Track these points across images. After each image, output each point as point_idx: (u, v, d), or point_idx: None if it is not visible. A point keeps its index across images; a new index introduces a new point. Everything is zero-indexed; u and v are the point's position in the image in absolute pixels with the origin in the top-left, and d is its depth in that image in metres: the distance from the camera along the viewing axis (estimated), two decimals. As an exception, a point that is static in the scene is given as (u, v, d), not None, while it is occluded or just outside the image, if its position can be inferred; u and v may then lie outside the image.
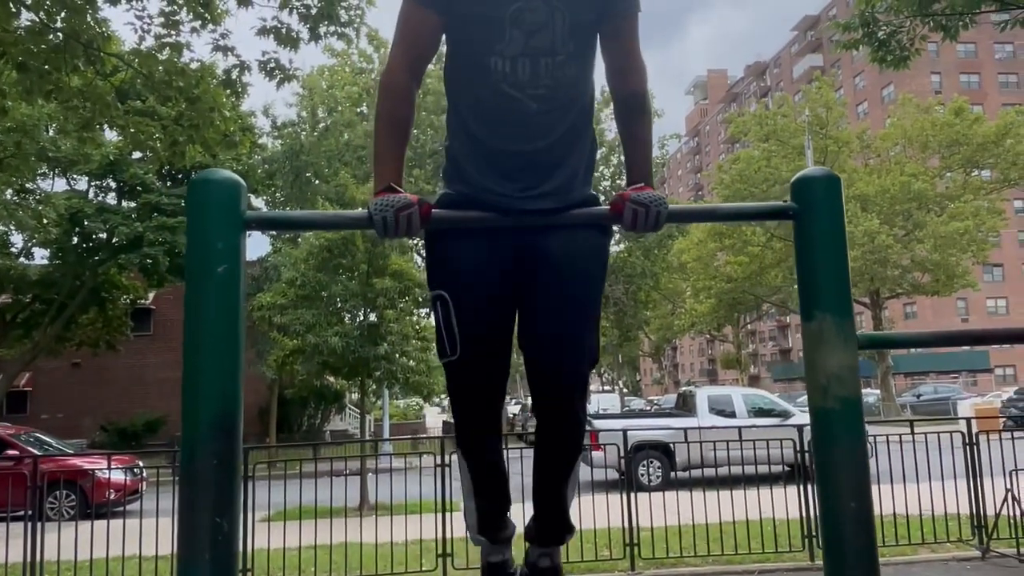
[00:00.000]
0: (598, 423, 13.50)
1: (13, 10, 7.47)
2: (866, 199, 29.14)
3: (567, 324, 1.92)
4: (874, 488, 5.79)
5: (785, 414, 14.18)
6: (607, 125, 31.02)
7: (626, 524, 6.84)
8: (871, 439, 11.80)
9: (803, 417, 13.87)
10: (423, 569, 6.82)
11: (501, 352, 1.95)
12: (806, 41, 69.35)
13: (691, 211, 1.99)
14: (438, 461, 6.89)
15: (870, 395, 34.85)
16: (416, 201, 1.67)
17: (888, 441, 7.69)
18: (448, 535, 6.62)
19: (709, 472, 9.61)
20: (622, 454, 7.15)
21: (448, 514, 6.64)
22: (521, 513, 2.24)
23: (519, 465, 8.19)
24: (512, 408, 38.30)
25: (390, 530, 7.10)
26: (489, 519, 2.14)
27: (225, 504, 1.48)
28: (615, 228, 2.00)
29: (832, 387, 1.67)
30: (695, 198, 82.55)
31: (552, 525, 2.16)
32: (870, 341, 1.75)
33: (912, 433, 7.32)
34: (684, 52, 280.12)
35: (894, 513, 7.04)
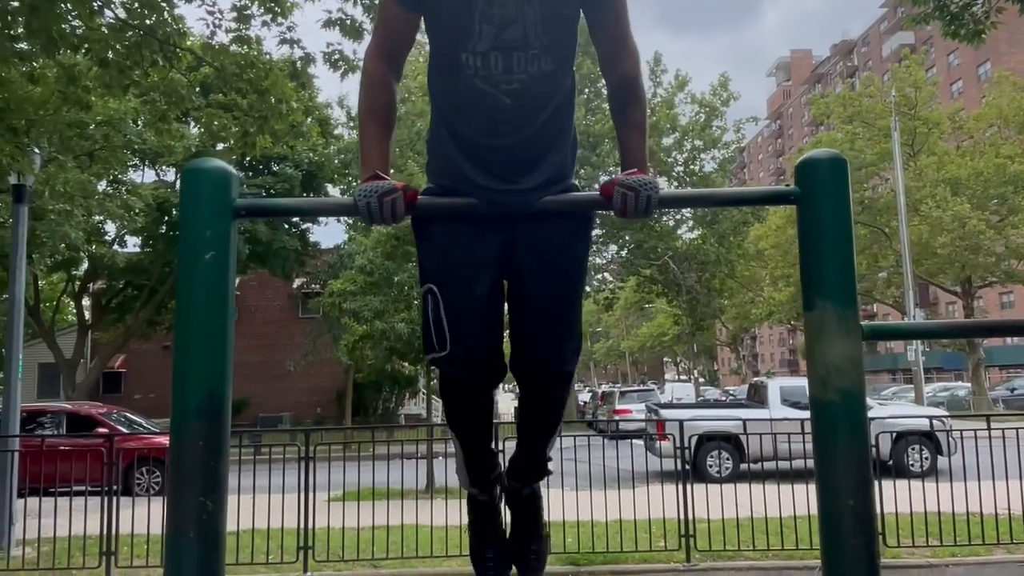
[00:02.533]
0: (664, 412, 13.32)
1: (96, 7, 7.83)
2: (957, 182, 27.76)
3: (553, 321, 1.96)
4: (946, 485, 5.52)
5: (862, 406, 13.67)
6: (680, 109, 30.42)
7: (682, 515, 6.75)
8: (945, 434, 11.34)
9: (880, 410, 13.36)
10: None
11: (490, 347, 1.96)
12: (896, 18, 66.28)
13: (688, 196, 1.94)
14: (498, 447, 6.94)
15: (960, 388, 33.32)
16: (401, 187, 1.68)
17: (962, 436, 7.34)
18: (505, 519, 6.66)
19: (782, 465, 9.37)
20: (678, 444, 7.04)
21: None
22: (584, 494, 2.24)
23: (586, 452, 8.15)
24: (583, 395, 38.22)
25: (446, 513, 7.19)
26: (480, 479, 2.28)
27: (211, 484, 1.53)
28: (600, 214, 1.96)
29: (832, 379, 1.60)
30: (776, 182, 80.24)
31: (533, 469, 2.29)
32: (875, 332, 1.66)
33: (988, 428, 6.96)
34: (760, 34, 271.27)
35: (967, 511, 6.73)
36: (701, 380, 59.75)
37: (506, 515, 2.42)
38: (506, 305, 2.02)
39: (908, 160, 28.62)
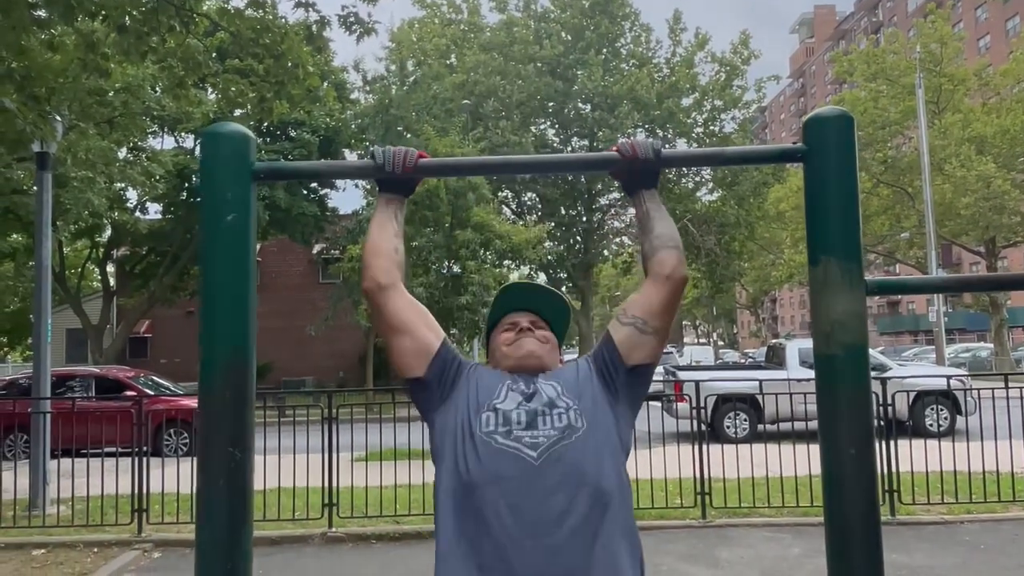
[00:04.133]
0: (681, 374, 13.39)
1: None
2: (983, 141, 27.23)
3: None
4: (963, 444, 5.57)
5: (881, 367, 13.66)
6: (700, 68, 30.00)
7: (698, 474, 6.85)
8: (964, 394, 11.32)
9: (900, 370, 13.34)
10: None
11: None
12: (923, -29, 64.52)
13: (695, 155, 1.95)
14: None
15: (983, 349, 33.09)
16: None
17: (980, 396, 7.34)
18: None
19: (799, 426, 9.44)
20: (694, 405, 7.11)
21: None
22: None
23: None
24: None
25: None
26: None
27: (238, 436, 1.60)
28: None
29: (836, 333, 1.64)
30: (799, 142, 79.05)
31: None
32: (879, 287, 1.69)
33: (1007, 388, 6.95)
34: None
35: (983, 470, 6.77)
36: (720, 343, 59.68)
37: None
38: None
39: (933, 118, 28.08)
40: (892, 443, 6.79)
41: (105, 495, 7.06)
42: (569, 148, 29.93)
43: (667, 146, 1.80)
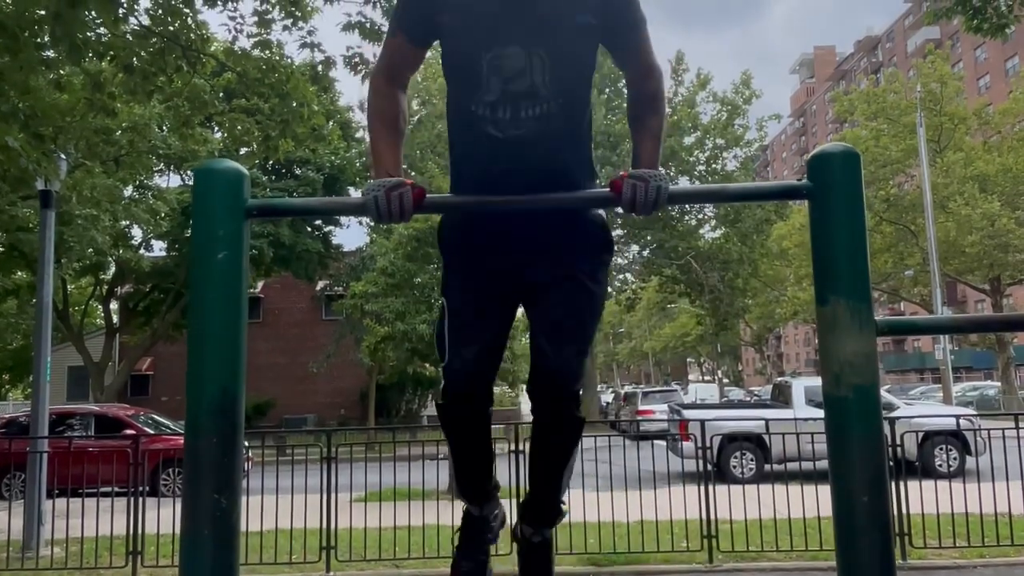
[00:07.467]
0: (686, 413, 13.24)
1: (120, 15, 7.95)
2: (985, 179, 27.32)
3: (567, 335, 1.98)
4: (974, 486, 5.42)
5: (888, 406, 13.49)
6: (702, 108, 30.25)
7: (704, 516, 6.71)
8: (973, 434, 11.15)
9: (908, 410, 13.18)
10: (499, 553, 6.89)
11: (480, 366, 2.01)
12: (921, 12, 65.31)
13: (699, 191, 1.94)
14: (511, 448, 6.95)
15: (990, 388, 32.78)
16: (409, 184, 1.69)
17: (990, 436, 7.22)
18: (523, 521, 6.68)
19: (806, 465, 9.29)
20: (699, 444, 7.00)
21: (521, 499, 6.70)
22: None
23: (608, 453, 8.19)
24: (606, 396, 38.13)
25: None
26: (467, 493, 2.21)
27: (224, 482, 1.54)
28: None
29: (846, 374, 1.58)
30: (803, 179, 79.38)
31: (546, 509, 2.23)
32: (889, 327, 1.64)
33: (1017, 427, 6.84)
34: (769, 28, 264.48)
35: (995, 512, 6.62)
36: (725, 381, 59.32)
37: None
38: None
39: (934, 157, 28.21)
40: (902, 485, 6.66)
41: (100, 536, 6.93)
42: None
43: (671, 183, 1.76)
